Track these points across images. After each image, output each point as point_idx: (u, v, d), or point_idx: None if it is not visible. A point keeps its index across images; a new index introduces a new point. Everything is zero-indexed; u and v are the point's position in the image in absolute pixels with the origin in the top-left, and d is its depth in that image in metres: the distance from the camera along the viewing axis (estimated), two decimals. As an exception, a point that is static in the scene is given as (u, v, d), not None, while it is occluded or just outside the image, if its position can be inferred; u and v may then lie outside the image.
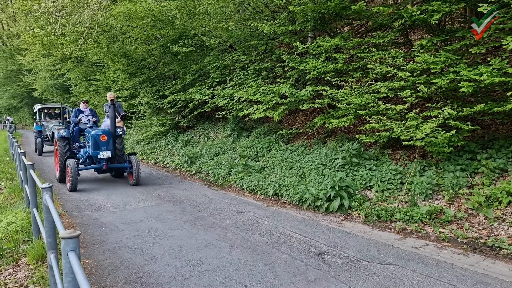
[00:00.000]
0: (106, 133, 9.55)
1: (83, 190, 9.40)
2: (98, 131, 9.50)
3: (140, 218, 6.84)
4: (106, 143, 9.46)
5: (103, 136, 9.43)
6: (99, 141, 9.40)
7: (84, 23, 13.67)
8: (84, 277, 1.90)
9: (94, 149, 9.41)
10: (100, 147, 9.40)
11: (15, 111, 53.29)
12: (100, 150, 9.40)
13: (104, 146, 9.41)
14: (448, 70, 6.20)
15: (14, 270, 5.02)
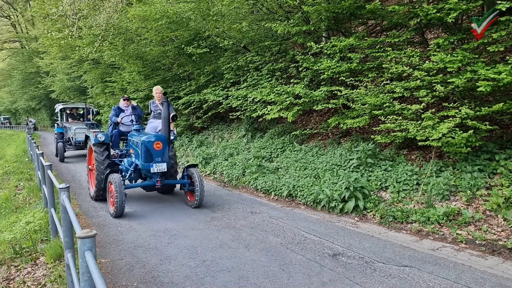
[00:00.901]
0: (161, 139, 7.14)
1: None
2: (150, 137, 7.11)
3: (155, 218, 6.90)
4: (161, 152, 7.13)
5: (157, 143, 7.06)
6: (153, 150, 7.06)
7: (100, 25, 13.86)
8: (100, 276, 1.93)
9: (146, 160, 7.10)
10: (153, 158, 7.08)
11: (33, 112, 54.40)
12: (153, 161, 7.08)
13: (158, 157, 7.10)
14: (465, 69, 6.10)
15: (33, 268, 5.11)
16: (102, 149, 7.90)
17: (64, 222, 3.79)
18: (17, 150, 23.49)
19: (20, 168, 15.04)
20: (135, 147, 7.55)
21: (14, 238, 6.36)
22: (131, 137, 7.95)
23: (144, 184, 7.60)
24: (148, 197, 8.66)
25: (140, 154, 7.19)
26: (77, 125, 16.09)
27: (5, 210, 9.13)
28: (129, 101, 9.03)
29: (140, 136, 7.45)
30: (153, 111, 8.71)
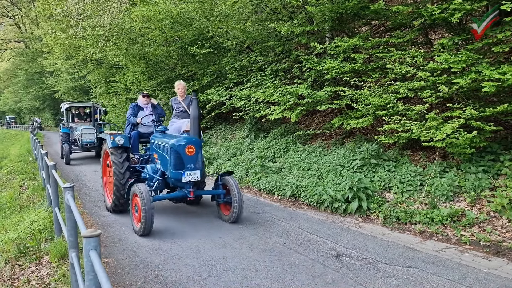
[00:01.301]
0: (193, 142, 6.04)
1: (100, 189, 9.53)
2: (181, 140, 6.02)
3: (158, 218, 6.90)
4: (194, 158, 6.02)
5: (189, 147, 5.97)
6: (184, 155, 5.95)
7: (104, 25, 13.91)
8: (105, 275, 1.93)
9: (176, 168, 5.97)
10: (185, 165, 5.97)
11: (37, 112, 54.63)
12: (185, 169, 5.97)
13: (191, 163, 5.99)
14: (470, 69, 6.08)
15: (37, 267, 5.13)
16: (121, 153, 6.90)
17: (69, 221, 3.80)
18: (21, 150, 23.60)
19: (24, 167, 15.11)
20: (161, 151, 6.43)
21: (18, 237, 6.40)
22: (155, 140, 6.87)
23: (174, 195, 6.39)
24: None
25: (169, 160, 6.04)
26: (84, 125, 15.26)
27: (10, 209, 9.18)
28: (148, 98, 7.87)
29: (167, 138, 6.33)
30: (175, 110, 7.61)
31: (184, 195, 6.28)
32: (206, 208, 7.59)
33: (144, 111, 7.74)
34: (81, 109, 16.88)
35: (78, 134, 14.60)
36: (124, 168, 6.81)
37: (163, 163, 6.36)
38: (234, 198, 6.23)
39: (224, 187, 6.59)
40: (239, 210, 6.26)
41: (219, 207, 6.78)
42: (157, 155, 6.71)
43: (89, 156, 16.56)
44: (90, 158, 16.14)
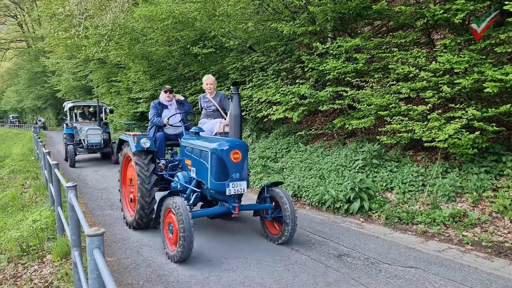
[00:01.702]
0: (240, 146, 5.03)
1: (105, 189, 9.56)
2: (223, 144, 4.99)
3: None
4: (240, 165, 5.01)
5: (235, 152, 4.96)
6: (229, 163, 4.94)
7: (106, 25, 13.93)
8: (109, 273, 1.94)
9: (219, 177, 4.96)
10: (229, 174, 4.96)
11: (39, 111, 54.75)
12: (229, 179, 4.96)
13: (236, 172, 4.98)
14: (472, 70, 6.07)
15: (39, 266, 5.15)
16: (147, 159, 5.87)
17: (72, 220, 3.81)
18: (23, 149, 23.66)
19: (27, 166, 15.14)
20: (197, 157, 5.41)
21: (21, 236, 6.42)
22: (187, 143, 5.82)
23: (215, 211, 5.31)
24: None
25: (209, 168, 5.01)
26: (89, 125, 14.47)
27: (12, 208, 9.20)
28: (172, 94, 6.83)
29: (206, 141, 5.31)
30: (205, 108, 6.71)
31: (226, 211, 5.21)
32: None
33: (169, 110, 6.72)
34: (85, 108, 16.18)
35: (83, 135, 13.87)
36: (151, 183, 5.78)
37: (200, 172, 5.32)
38: (286, 214, 5.15)
39: (271, 200, 5.51)
40: (293, 229, 5.21)
41: (265, 224, 5.70)
42: (190, 161, 5.66)
43: (94, 158, 16.01)
44: (95, 160, 15.93)
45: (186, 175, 5.85)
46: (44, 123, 48.43)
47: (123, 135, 6.63)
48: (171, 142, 6.73)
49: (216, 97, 6.66)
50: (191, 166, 5.64)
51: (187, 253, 4.61)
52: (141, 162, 5.82)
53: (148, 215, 5.91)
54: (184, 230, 4.46)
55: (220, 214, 5.37)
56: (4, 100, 64.77)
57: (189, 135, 6.05)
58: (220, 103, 6.57)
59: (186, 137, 6.07)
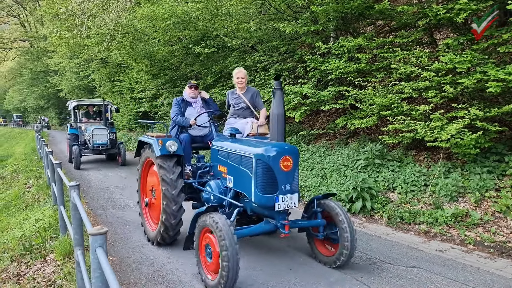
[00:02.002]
0: (291, 152, 4.23)
1: (108, 188, 9.59)
2: (270, 148, 4.18)
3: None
4: (290, 175, 4.22)
5: (286, 159, 4.16)
6: (278, 172, 4.14)
7: (109, 25, 13.95)
8: (112, 272, 1.95)
9: (265, 189, 4.16)
10: (279, 185, 4.16)
11: (42, 111, 54.89)
12: (279, 191, 4.15)
13: (287, 183, 4.19)
14: (475, 69, 6.07)
15: (42, 265, 5.17)
16: (173, 164, 5.09)
17: (74, 219, 3.83)
18: (26, 148, 23.72)
19: (29, 166, 15.19)
20: (235, 164, 4.60)
21: (24, 235, 6.44)
22: (220, 146, 5.03)
23: (261, 230, 4.44)
24: None
25: (254, 178, 4.20)
26: (95, 125, 13.84)
27: (15, 207, 9.23)
28: (197, 89, 5.99)
29: (248, 145, 4.50)
30: (233, 106, 5.84)
31: (273, 229, 4.45)
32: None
33: (193, 108, 5.92)
34: (89, 108, 15.55)
35: (89, 135, 13.22)
36: (178, 185, 5.02)
37: (240, 181, 4.53)
38: (344, 234, 4.31)
39: (323, 215, 4.64)
40: (352, 251, 4.34)
41: (314, 243, 4.84)
42: (225, 168, 4.85)
43: (99, 159, 15.56)
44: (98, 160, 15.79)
45: (220, 185, 5.00)
46: (47, 122, 48.58)
47: (144, 137, 5.77)
48: (196, 145, 5.90)
49: (247, 93, 5.81)
50: (226, 174, 4.83)
51: (231, 284, 3.74)
52: (167, 168, 5.01)
53: (175, 227, 5.10)
54: (228, 258, 3.63)
55: (266, 232, 4.56)
56: (7, 100, 64.96)
57: (222, 137, 5.26)
58: (251, 100, 5.76)
59: (219, 139, 5.23)
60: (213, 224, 3.84)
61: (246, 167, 4.39)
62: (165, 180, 5.00)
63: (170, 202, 4.96)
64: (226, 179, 4.85)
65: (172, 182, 4.99)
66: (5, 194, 11.45)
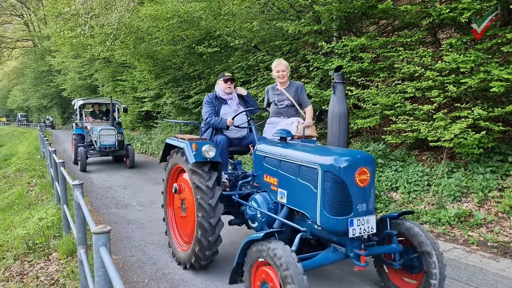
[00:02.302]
0: (367, 161, 3.37)
1: (110, 187, 9.61)
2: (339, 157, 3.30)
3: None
4: (367, 192, 3.37)
5: (362, 171, 3.30)
6: (353, 187, 3.28)
7: (112, 24, 13.97)
8: (115, 271, 1.96)
9: (336, 210, 3.30)
10: (353, 205, 3.30)
11: (45, 110, 55.05)
12: (353, 212, 3.29)
13: (363, 202, 3.33)
14: (479, 69, 6.05)
15: (46, 264, 5.19)
16: (210, 173, 4.28)
17: (78, 218, 3.84)
18: (29, 148, 23.80)
19: (33, 165, 15.25)
20: (291, 175, 3.72)
21: (27, 233, 6.46)
22: (268, 152, 4.18)
23: (329, 260, 3.53)
24: (159, 195, 8.58)
25: (321, 195, 3.34)
26: (102, 125, 13.21)
27: (18, 206, 9.27)
28: (232, 83, 5.16)
29: (308, 152, 3.61)
30: (275, 104, 5.18)
31: (342, 258, 3.52)
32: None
33: (228, 106, 5.11)
34: (95, 106, 14.92)
35: (95, 136, 12.57)
36: (216, 194, 4.20)
37: (298, 197, 3.67)
38: (430, 262, 3.42)
39: (400, 238, 3.67)
40: (441, 281, 3.41)
41: (386, 274, 3.92)
42: (276, 180, 4.01)
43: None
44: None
45: (268, 199, 4.13)
46: (52, 122, 48.58)
47: (173, 139, 4.89)
48: (232, 149, 5.09)
49: (290, 88, 5.11)
50: (277, 187, 3.99)
51: None
52: (202, 177, 4.21)
53: (212, 245, 4.21)
54: None
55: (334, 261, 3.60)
56: (10, 99, 65.24)
57: (269, 141, 4.51)
58: (295, 97, 5.08)
59: (264, 143, 4.42)
60: (273, 258, 2.99)
61: (307, 180, 3.51)
62: (199, 187, 4.17)
63: (206, 214, 4.12)
64: (276, 192, 4.01)
65: (208, 190, 4.16)
66: (8, 193, 11.50)
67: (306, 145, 4.05)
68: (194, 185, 4.23)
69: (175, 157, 4.79)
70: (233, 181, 4.76)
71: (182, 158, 4.50)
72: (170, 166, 4.96)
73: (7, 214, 8.91)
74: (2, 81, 70.67)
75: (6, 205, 9.96)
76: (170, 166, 4.97)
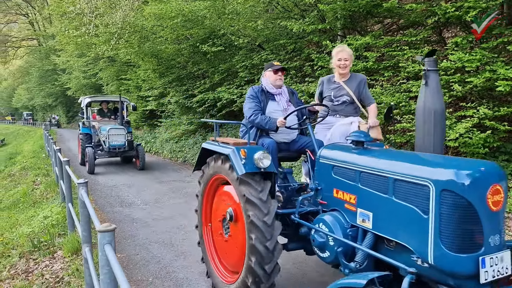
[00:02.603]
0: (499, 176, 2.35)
1: (115, 186, 9.64)
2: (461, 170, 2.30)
3: (169, 214, 6.95)
4: (500, 217, 2.36)
5: (496, 190, 2.29)
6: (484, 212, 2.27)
7: (116, 23, 14.02)
8: (120, 269, 1.96)
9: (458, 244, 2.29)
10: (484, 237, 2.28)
11: (50, 109, 55.32)
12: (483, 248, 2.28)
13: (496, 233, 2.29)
14: (484, 68, 6.02)
15: (50, 262, 5.22)
16: (263, 186, 3.43)
17: (82, 216, 3.86)
18: (34, 146, 23.94)
19: (37, 163, 15.34)
20: (381, 192, 2.81)
21: (32, 232, 6.51)
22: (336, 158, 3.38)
23: None
24: (163, 193, 8.66)
25: (435, 223, 2.37)
26: (111, 124, 12.67)
27: (23, 204, 9.33)
28: (283, 74, 4.22)
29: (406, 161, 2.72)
30: (330, 100, 4.32)
31: None
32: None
33: (277, 103, 4.17)
34: (103, 104, 14.22)
35: (104, 136, 11.98)
36: (272, 214, 3.34)
37: (391, 223, 2.74)
38: None
39: None
40: None
41: None
42: (354, 197, 3.10)
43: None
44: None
45: (341, 222, 3.20)
46: (58, 120, 48.73)
47: (212, 143, 4.03)
48: (280, 155, 4.09)
49: (352, 81, 4.29)
50: (355, 207, 3.09)
51: None
52: (255, 191, 3.34)
53: (269, 276, 3.32)
54: None
55: None
56: (15, 98, 65.59)
57: (340, 146, 3.58)
58: (357, 91, 4.28)
59: (333, 149, 3.54)
60: None
61: (410, 201, 2.56)
62: (251, 201, 3.29)
63: (261, 235, 3.23)
64: (354, 213, 3.09)
65: (262, 204, 3.29)
66: (14, 191, 11.57)
67: (400, 152, 3.32)
68: (244, 198, 3.33)
69: (213, 165, 3.92)
70: (288, 195, 3.93)
71: (224, 167, 3.64)
72: (208, 176, 4.06)
73: (12, 212, 8.97)
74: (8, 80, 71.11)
75: (12, 203, 10.02)
76: (207, 176, 4.08)
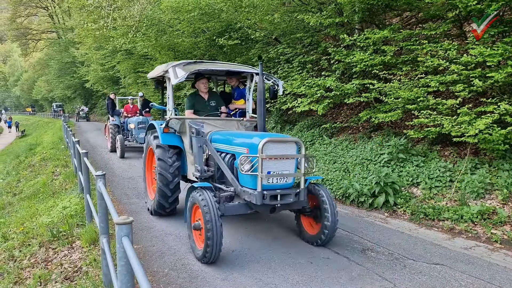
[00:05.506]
0: None
1: (132, 178, 9.76)
2: None
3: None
4: None
5: None
6: None
7: (134, 16, 14.12)
8: (138, 261, 1.99)
9: None
10: None
11: (68, 101, 56.21)
12: None
13: None
14: (506, 63, 5.87)
15: (69, 251, 5.32)
16: None
17: (100, 208, 3.92)
18: (53, 138, 24.36)
19: (57, 155, 15.61)
20: None
21: (51, 221, 6.64)
22: None
23: None
24: None
25: None
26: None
27: (43, 194, 9.52)
28: None
29: None
30: None
31: None
32: None
33: None
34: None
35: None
36: None
37: None
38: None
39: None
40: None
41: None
42: None
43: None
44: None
45: None
46: (87, 113, 41.19)
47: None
48: None
49: None
50: None
51: None
52: None
53: None
54: None
55: None
56: (35, 90, 66.81)
57: None
58: None
59: None
60: None
61: None
62: None
63: None
64: None
65: None
66: (34, 182, 11.82)
67: None
68: None
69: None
70: None
71: None
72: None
73: (32, 202, 9.17)
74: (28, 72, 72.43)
75: (32, 193, 10.25)
76: None
